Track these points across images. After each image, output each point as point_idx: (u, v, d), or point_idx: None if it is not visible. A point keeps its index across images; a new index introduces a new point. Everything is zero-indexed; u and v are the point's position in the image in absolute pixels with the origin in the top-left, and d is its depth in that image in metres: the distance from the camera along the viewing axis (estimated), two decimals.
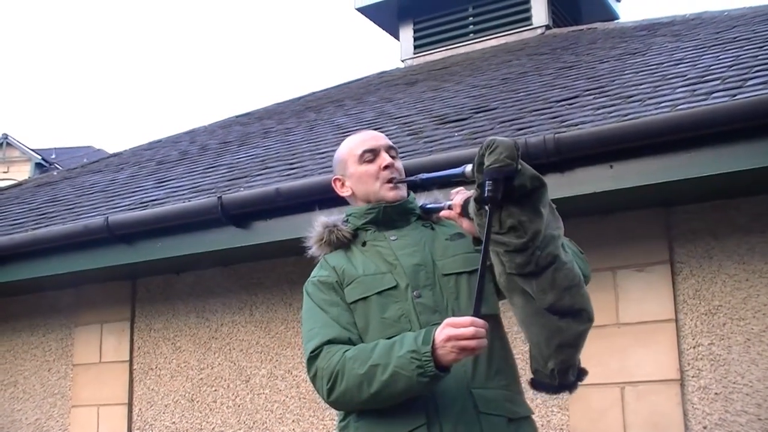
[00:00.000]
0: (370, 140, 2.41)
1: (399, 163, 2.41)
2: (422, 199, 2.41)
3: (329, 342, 2.12)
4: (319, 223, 2.37)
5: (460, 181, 2.19)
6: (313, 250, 2.37)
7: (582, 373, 2.22)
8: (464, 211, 2.23)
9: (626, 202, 3.88)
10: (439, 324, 2.02)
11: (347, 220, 2.38)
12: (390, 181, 2.34)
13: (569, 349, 2.13)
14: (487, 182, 1.97)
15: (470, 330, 1.95)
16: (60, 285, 5.61)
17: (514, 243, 2.00)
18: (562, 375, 2.15)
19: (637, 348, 3.89)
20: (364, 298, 2.19)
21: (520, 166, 1.99)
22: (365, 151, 2.37)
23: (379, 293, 2.18)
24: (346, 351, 2.09)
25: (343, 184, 2.43)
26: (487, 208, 2.00)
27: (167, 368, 5.27)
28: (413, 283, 2.18)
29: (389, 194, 2.33)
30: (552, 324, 2.07)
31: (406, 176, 2.42)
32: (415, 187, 2.44)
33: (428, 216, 2.38)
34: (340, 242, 2.33)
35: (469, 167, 2.09)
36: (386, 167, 2.34)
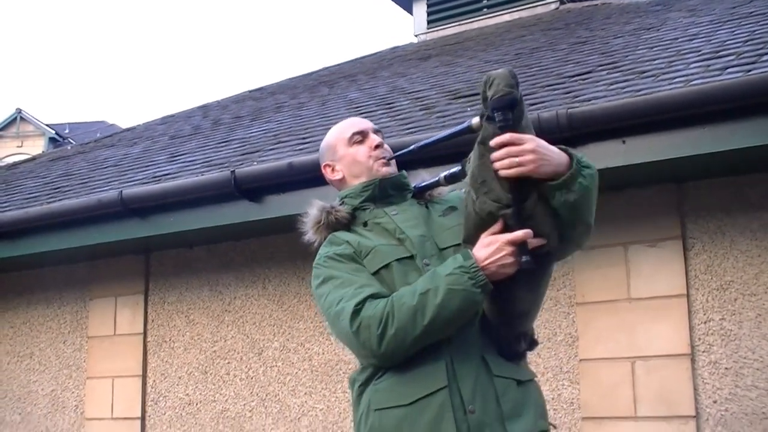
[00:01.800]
0: (357, 124, 2.47)
1: (386, 145, 2.45)
2: (412, 182, 2.44)
3: (371, 296, 2.11)
4: (314, 206, 2.37)
5: (466, 137, 2.19)
6: (310, 235, 2.37)
7: (533, 344, 2.28)
8: (452, 181, 2.30)
9: (638, 178, 3.88)
10: None
11: (343, 202, 2.38)
12: (381, 158, 2.38)
13: (521, 318, 2.20)
14: (495, 114, 2.00)
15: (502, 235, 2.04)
16: (74, 258, 5.65)
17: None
18: (513, 342, 2.21)
19: (648, 323, 3.90)
20: (386, 266, 2.20)
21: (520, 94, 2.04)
22: (354, 133, 2.42)
23: (398, 260, 2.20)
24: (392, 296, 2.10)
25: (333, 169, 2.45)
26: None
27: (181, 341, 5.32)
28: (421, 253, 2.20)
29: (382, 170, 2.37)
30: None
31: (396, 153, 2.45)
32: (411, 159, 2.44)
33: (421, 196, 2.39)
34: (339, 223, 2.33)
35: (475, 119, 2.11)
36: (377, 147, 2.39)
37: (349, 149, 2.41)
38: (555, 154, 2.03)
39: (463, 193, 2.22)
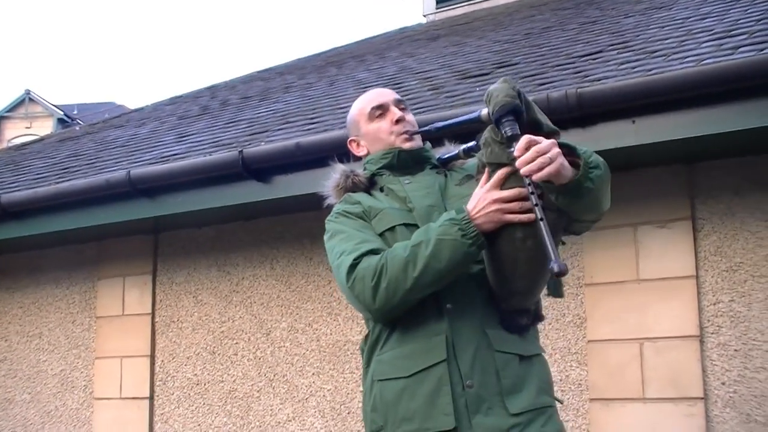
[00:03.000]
0: (377, 97, 2.46)
1: (410, 116, 2.45)
2: (437, 154, 2.44)
3: (370, 252, 2.13)
4: (337, 170, 2.41)
5: (476, 126, 2.18)
6: (331, 198, 2.41)
7: (537, 319, 2.27)
8: (469, 154, 2.29)
9: (648, 158, 3.85)
10: None
11: (365, 168, 2.42)
12: (404, 134, 2.38)
13: (520, 296, 2.17)
14: (501, 127, 2.00)
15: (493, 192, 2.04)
16: (83, 238, 5.67)
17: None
18: (514, 316, 2.20)
19: (657, 304, 3.88)
20: (391, 228, 2.22)
21: (523, 102, 2.02)
22: (374, 108, 2.43)
23: (405, 225, 2.21)
24: (387, 251, 2.12)
25: (358, 145, 2.48)
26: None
27: (189, 321, 5.33)
28: (426, 223, 2.19)
29: (405, 145, 2.38)
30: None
31: (420, 128, 2.45)
32: (430, 137, 2.45)
33: (445, 166, 2.40)
34: (356, 187, 2.37)
35: (484, 110, 2.10)
36: (398, 121, 2.39)
37: (370, 125, 2.43)
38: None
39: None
